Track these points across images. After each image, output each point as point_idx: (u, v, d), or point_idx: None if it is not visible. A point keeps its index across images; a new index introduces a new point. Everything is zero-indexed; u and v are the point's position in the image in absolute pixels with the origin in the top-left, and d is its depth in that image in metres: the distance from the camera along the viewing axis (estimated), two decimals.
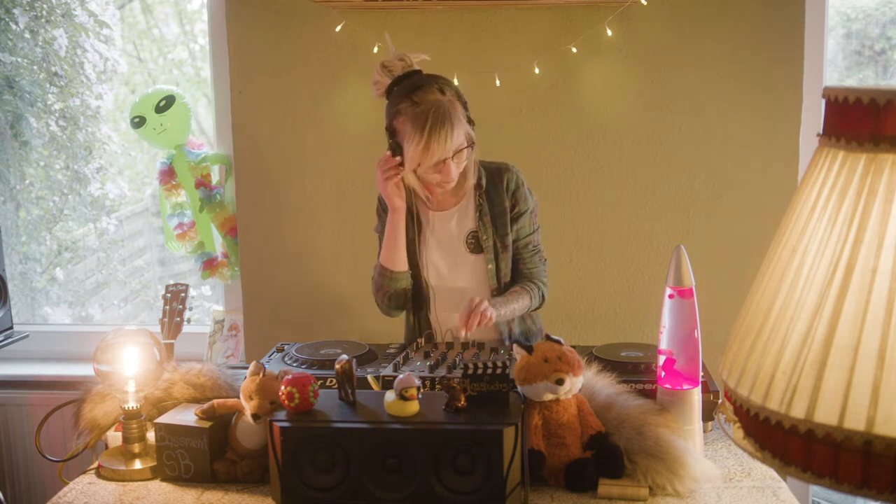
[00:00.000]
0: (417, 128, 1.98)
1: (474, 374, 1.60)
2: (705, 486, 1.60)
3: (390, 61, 2.10)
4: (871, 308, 0.71)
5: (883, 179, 0.73)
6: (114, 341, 1.87)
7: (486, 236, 2.16)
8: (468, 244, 2.18)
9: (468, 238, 2.18)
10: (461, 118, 2.04)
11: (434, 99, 2.01)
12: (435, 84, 2.05)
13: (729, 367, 0.85)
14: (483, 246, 2.16)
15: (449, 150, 2.00)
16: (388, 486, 1.53)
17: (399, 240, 2.14)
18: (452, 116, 1.99)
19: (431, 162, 2.01)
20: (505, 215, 2.17)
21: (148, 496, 1.64)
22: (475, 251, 2.18)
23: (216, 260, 3.07)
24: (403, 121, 2.03)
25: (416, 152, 2.00)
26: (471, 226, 2.18)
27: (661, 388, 1.72)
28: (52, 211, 3.46)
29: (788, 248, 0.81)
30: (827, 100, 0.80)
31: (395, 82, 2.08)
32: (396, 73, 2.09)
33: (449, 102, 2.02)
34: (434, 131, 1.97)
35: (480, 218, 2.16)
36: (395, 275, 2.16)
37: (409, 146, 2.01)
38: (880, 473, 0.70)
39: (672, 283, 1.68)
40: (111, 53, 3.42)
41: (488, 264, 2.17)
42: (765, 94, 2.79)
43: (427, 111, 1.98)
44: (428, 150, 1.98)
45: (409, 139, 2.01)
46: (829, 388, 0.72)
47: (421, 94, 2.02)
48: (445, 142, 1.98)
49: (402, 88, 2.05)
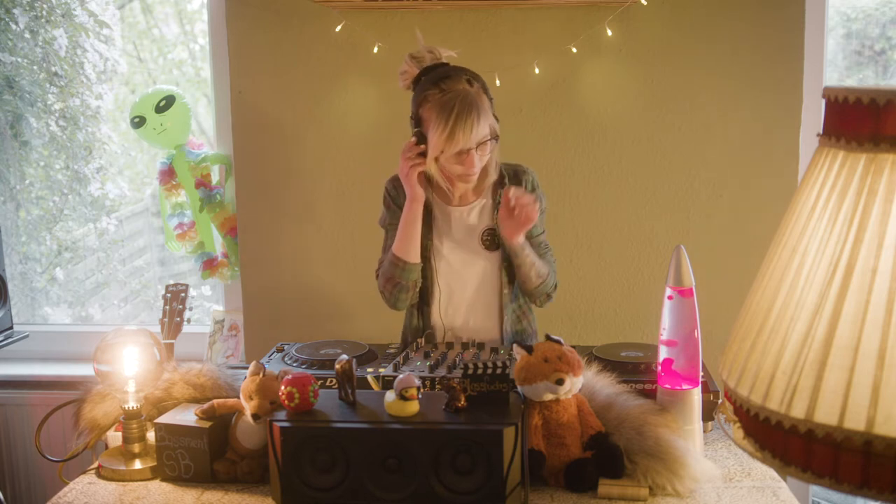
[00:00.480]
0: (443, 115, 1.99)
1: (474, 374, 1.60)
2: (705, 486, 1.60)
3: (419, 52, 2.11)
4: (871, 308, 0.71)
5: (883, 179, 0.73)
6: (114, 341, 1.87)
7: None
8: (483, 241, 2.18)
9: (484, 235, 2.18)
10: (487, 110, 2.04)
11: (461, 88, 2.02)
12: (463, 75, 2.05)
13: (729, 367, 0.85)
14: (500, 243, 2.17)
15: (473, 139, 2.00)
16: (388, 486, 1.53)
17: (416, 230, 2.12)
18: (479, 106, 2.00)
19: (455, 150, 2.01)
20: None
21: (148, 496, 1.64)
22: (490, 248, 2.18)
23: (216, 260, 3.07)
24: (429, 108, 2.03)
25: (441, 139, 1.99)
26: (488, 223, 2.18)
27: (661, 388, 1.72)
28: (52, 211, 3.46)
29: (788, 248, 0.81)
30: (827, 100, 0.80)
31: (422, 72, 2.09)
32: (425, 64, 2.10)
33: (476, 93, 2.03)
34: (460, 119, 1.97)
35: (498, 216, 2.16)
36: (409, 266, 2.13)
37: (434, 133, 2.01)
38: (880, 473, 0.70)
39: (672, 283, 1.68)
40: (111, 53, 3.42)
41: (504, 261, 2.17)
42: (765, 94, 2.79)
43: (454, 99, 1.99)
44: (452, 137, 1.98)
45: (434, 126, 2.01)
46: (829, 388, 0.72)
47: (449, 83, 2.03)
48: (471, 130, 1.98)
49: (429, 77, 2.06)
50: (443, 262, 2.19)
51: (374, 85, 2.88)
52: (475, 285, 2.19)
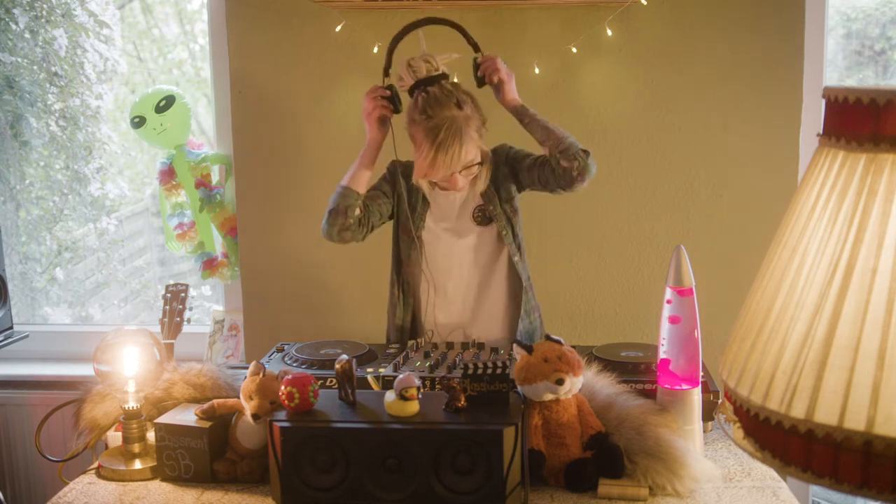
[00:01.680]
0: (427, 141, 2.01)
1: (474, 374, 1.60)
2: (705, 486, 1.60)
3: (416, 62, 2.11)
4: (871, 308, 0.71)
5: (883, 179, 0.73)
6: (114, 341, 1.87)
7: (492, 206, 2.18)
8: (475, 217, 2.20)
9: (475, 213, 2.20)
10: (473, 135, 2.05)
11: (448, 115, 2.02)
12: (452, 99, 2.05)
13: (729, 367, 0.85)
14: (492, 215, 2.18)
15: (456, 166, 2.03)
16: (388, 486, 1.53)
17: (367, 169, 2.18)
18: (463, 134, 2.01)
19: (437, 176, 2.07)
20: (507, 181, 2.19)
21: (148, 496, 1.64)
22: (482, 223, 2.20)
23: (216, 260, 3.06)
24: (416, 130, 2.07)
25: (424, 164, 2.03)
26: (475, 202, 2.20)
27: (661, 388, 1.72)
28: (52, 211, 3.46)
29: (788, 248, 0.81)
30: (827, 100, 0.80)
31: (415, 85, 2.09)
32: (420, 76, 2.10)
33: (464, 118, 2.03)
34: (442, 148, 1.99)
35: (485, 192, 2.17)
36: (347, 190, 2.16)
37: (419, 157, 2.05)
38: (880, 473, 0.70)
39: (672, 283, 1.68)
40: (111, 53, 3.42)
41: (502, 231, 2.18)
42: (765, 94, 2.79)
43: (439, 126, 2.00)
44: (434, 164, 2.02)
45: (418, 149, 2.06)
46: (829, 388, 0.72)
47: (436, 108, 2.03)
48: (452, 159, 2.01)
49: (419, 99, 2.07)
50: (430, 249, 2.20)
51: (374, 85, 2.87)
52: (470, 260, 2.21)
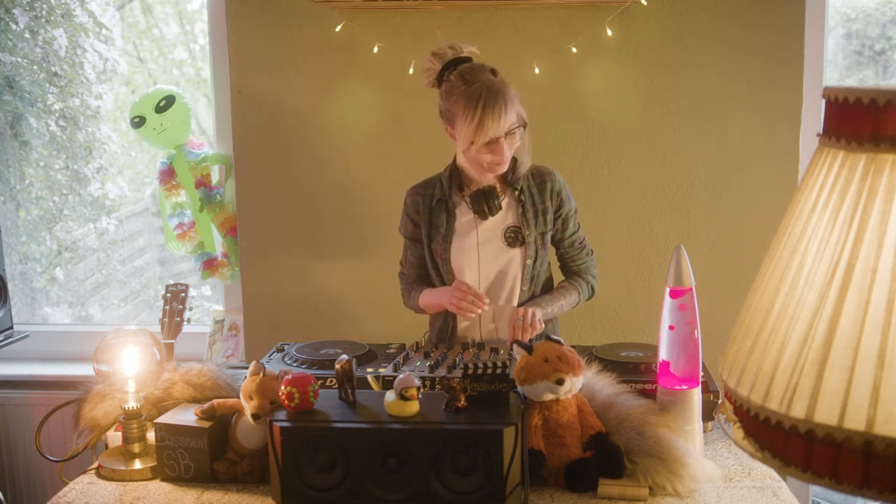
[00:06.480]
0: (471, 105, 2.01)
1: (474, 374, 1.60)
2: (705, 486, 1.60)
3: (441, 48, 2.13)
4: (871, 308, 0.71)
5: (883, 179, 0.73)
6: (114, 341, 1.87)
7: (528, 231, 2.17)
8: (506, 238, 2.19)
9: (507, 232, 2.19)
10: (513, 97, 2.06)
11: (486, 78, 2.04)
12: (487, 67, 2.09)
13: (729, 366, 0.85)
14: (526, 240, 2.18)
15: (502, 127, 2.03)
16: (388, 486, 1.53)
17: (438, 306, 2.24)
18: (505, 95, 2.03)
19: (484, 140, 2.03)
20: (547, 214, 2.19)
21: (148, 496, 1.64)
22: (513, 245, 2.19)
23: (216, 260, 3.06)
24: (456, 100, 2.05)
25: (470, 129, 2.02)
26: (510, 221, 2.19)
27: (661, 388, 1.72)
28: (52, 211, 3.46)
29: (788, 248, 0.81)
30: (827, 100, 0.80)
31: (444, 67, 2.11)
32: (447, 59, 2.12)
33: (500, 82, 2.05)
34: (488, 107, 2.00)
35: (523, 214, 2.17)
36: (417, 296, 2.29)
37: (463, 124, 2.03)
38: (880, 473, 0.70)
39: (672, 283, 1.68)
40: (111, 53, 3.42)
41: (527, 259, 2.18)
42: (765, 94, 2.79)
43: (480, 88, 2.02)
44: (482, 126, 2.01)
45: (462, 116, 2.04)
46: (829, 388, 0.72)
47: (473, 74, 2.06)
48: (499, 118, 2.01)
49: (454, 71, 2.09)
50: (465, 259, 2.20)
51: (374, 85, 2.88)
52: (496, 282, 2.21)
